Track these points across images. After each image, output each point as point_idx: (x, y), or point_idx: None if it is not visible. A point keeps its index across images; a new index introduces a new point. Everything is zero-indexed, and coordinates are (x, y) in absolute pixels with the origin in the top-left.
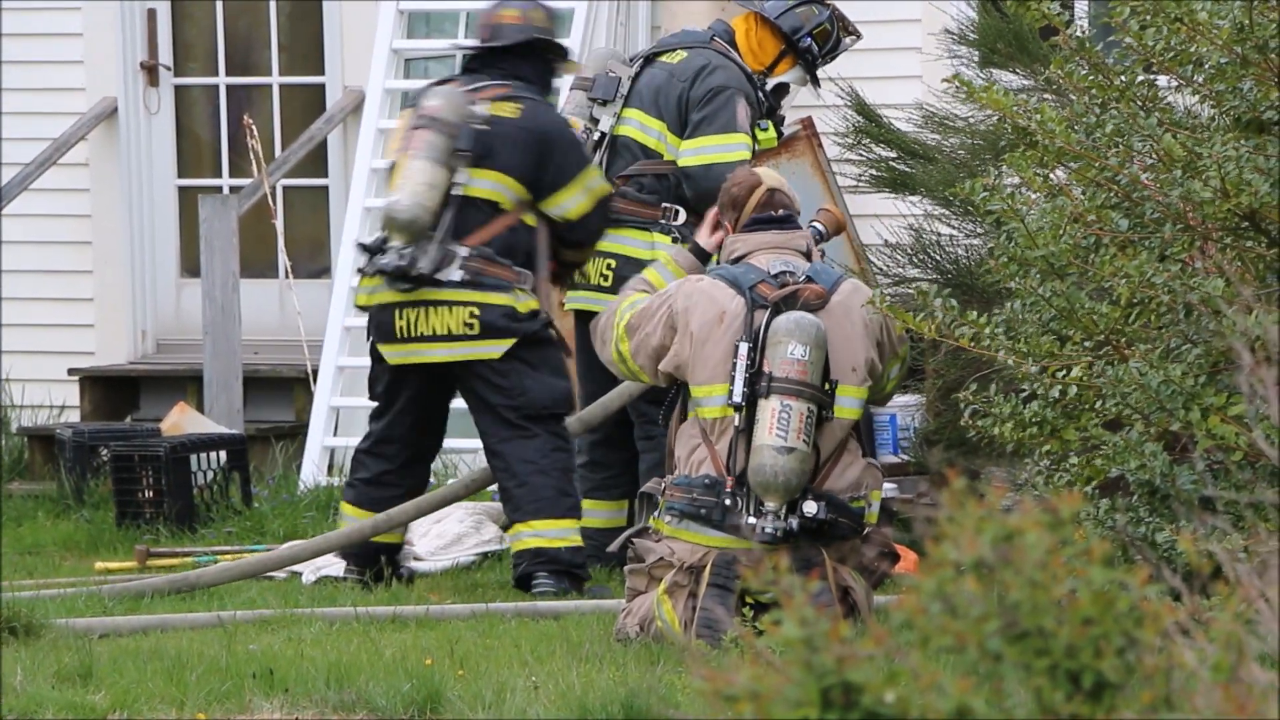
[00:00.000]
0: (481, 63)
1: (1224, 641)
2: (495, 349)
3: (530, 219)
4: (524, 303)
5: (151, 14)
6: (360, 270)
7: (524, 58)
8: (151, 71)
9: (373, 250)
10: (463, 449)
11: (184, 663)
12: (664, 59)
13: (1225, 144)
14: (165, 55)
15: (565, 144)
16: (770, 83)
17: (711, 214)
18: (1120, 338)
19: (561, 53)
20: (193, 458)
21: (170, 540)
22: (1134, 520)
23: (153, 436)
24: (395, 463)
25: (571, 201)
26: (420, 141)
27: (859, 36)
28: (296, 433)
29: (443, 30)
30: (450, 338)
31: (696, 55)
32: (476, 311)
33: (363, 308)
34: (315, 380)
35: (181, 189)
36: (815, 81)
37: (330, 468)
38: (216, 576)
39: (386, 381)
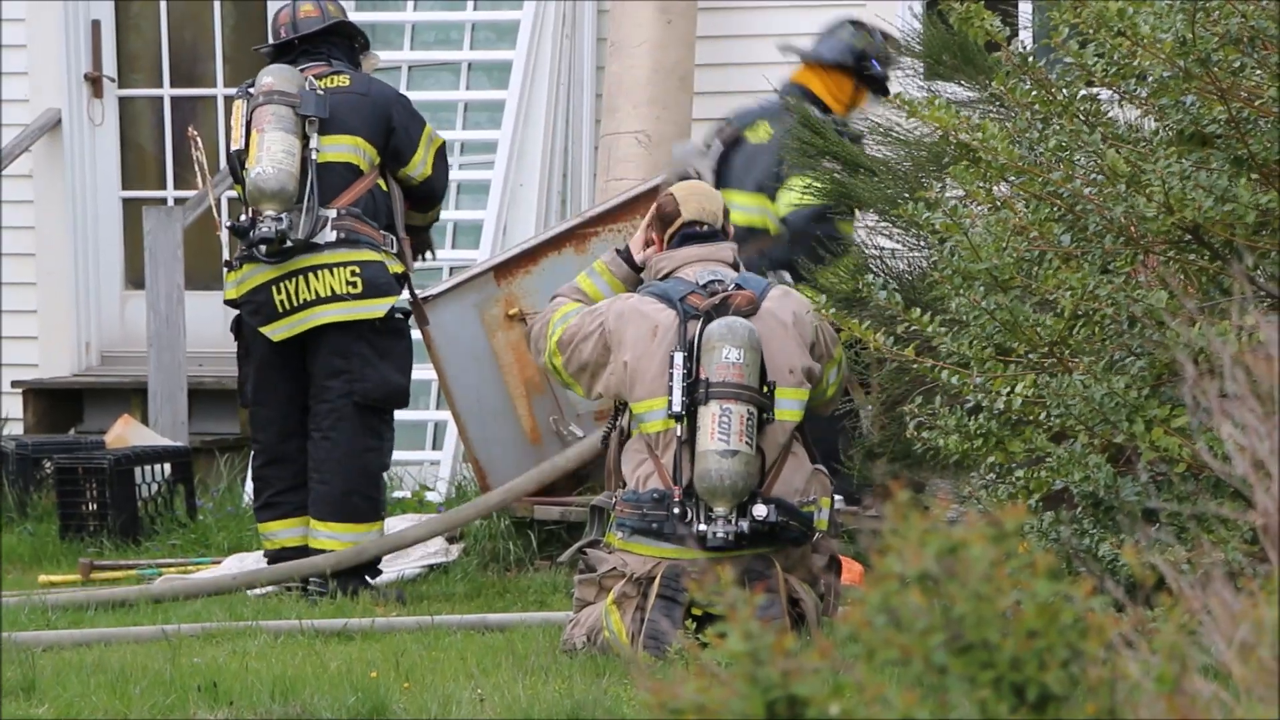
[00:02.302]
0: (288, 57)
1: (1167, 653)
2: (379, 308)
3: (383, 184)
4: (394, 265)
5: (96, 25)
6: (229, 262)
7: (332, 44)
8: (96, 83)
9: (243, 230)
10: (408, 460)
11: (128, 676)
12: (749, 138)
13: (1168, 159)
14: (109, 67)
15: (401, 107)
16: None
17: (644, 227)
18: (1064, 350)
19: (363, 37)
20: (137, 470)
21: (114, 553)
22: (1078, 532)
23: (97, 449)
24: (299, 463)
25: (422, 163)
26: (268, 115)
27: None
28: (241, 445)
29: (388, 42)
30: (335, 298)
31: (777, 124)
32: (357, 270)
33: (234, 301)
34: None
35: (126, 201)
36: (887, 92)
37: None
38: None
39: (255, 379)
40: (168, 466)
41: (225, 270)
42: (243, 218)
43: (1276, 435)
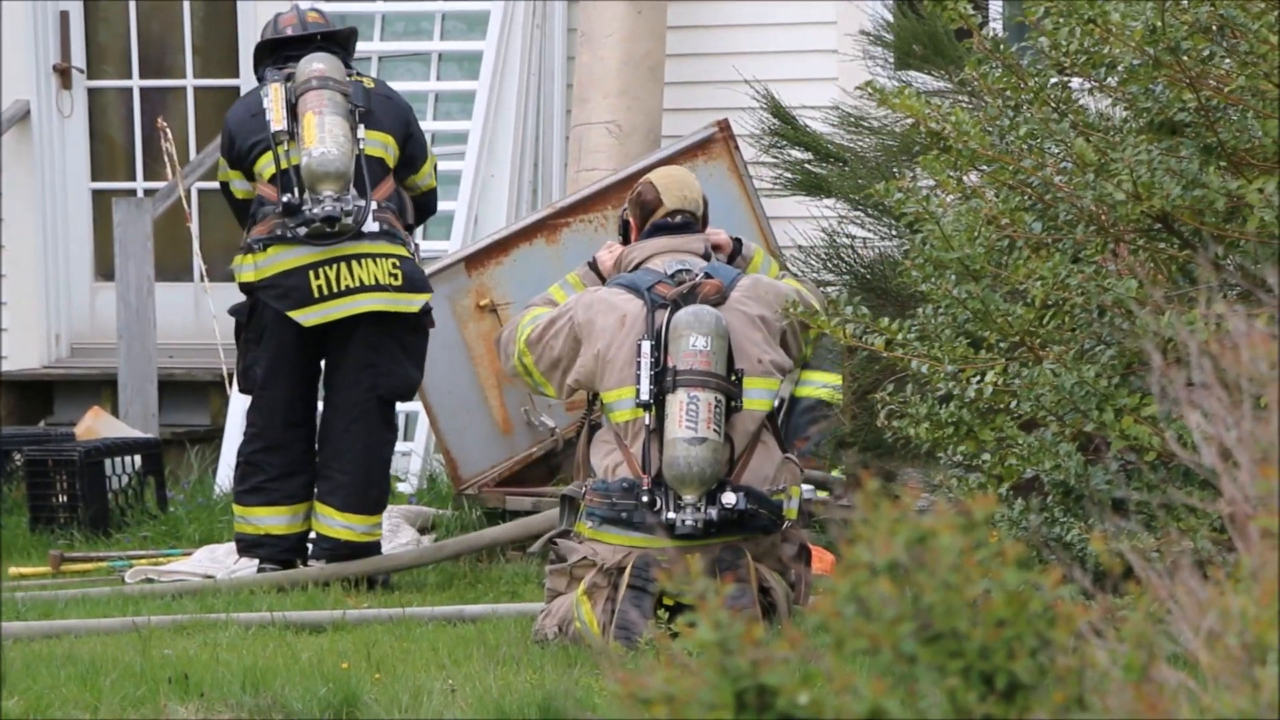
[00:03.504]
0: (286, 55)
1: (1135, 641)
2: (415, 303)
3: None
4: (420, 261)
5: (64, 16)
6: (249, 245)
7: (335, 43)
8: (64, 74)
9: (294, 207)
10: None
11: (98, 668)
12: None
13: (1138, 147)
14: (78, 58)
15: (415, 116)
16: None
17: (611, 243)
18: (1034, 339)
19: (352, 51)
20: (107, 462)
21: (85, 545)
22: (1048, 521)
23: (67, 441)
24: (295, 451)
25: (429, 175)
26: (325, 100)
27: None
28: (212, 437)
29: (359, 32)
30: (379, 288)
31: None
32: (398, 263)
33: (254, 284)
34: (231, 384)
35: (95, 192)
36: None
37: None
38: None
39: (268, 364)
40: (138, 458)
41: (243, 253)
42: (290, 196)
43: (1244, 424)
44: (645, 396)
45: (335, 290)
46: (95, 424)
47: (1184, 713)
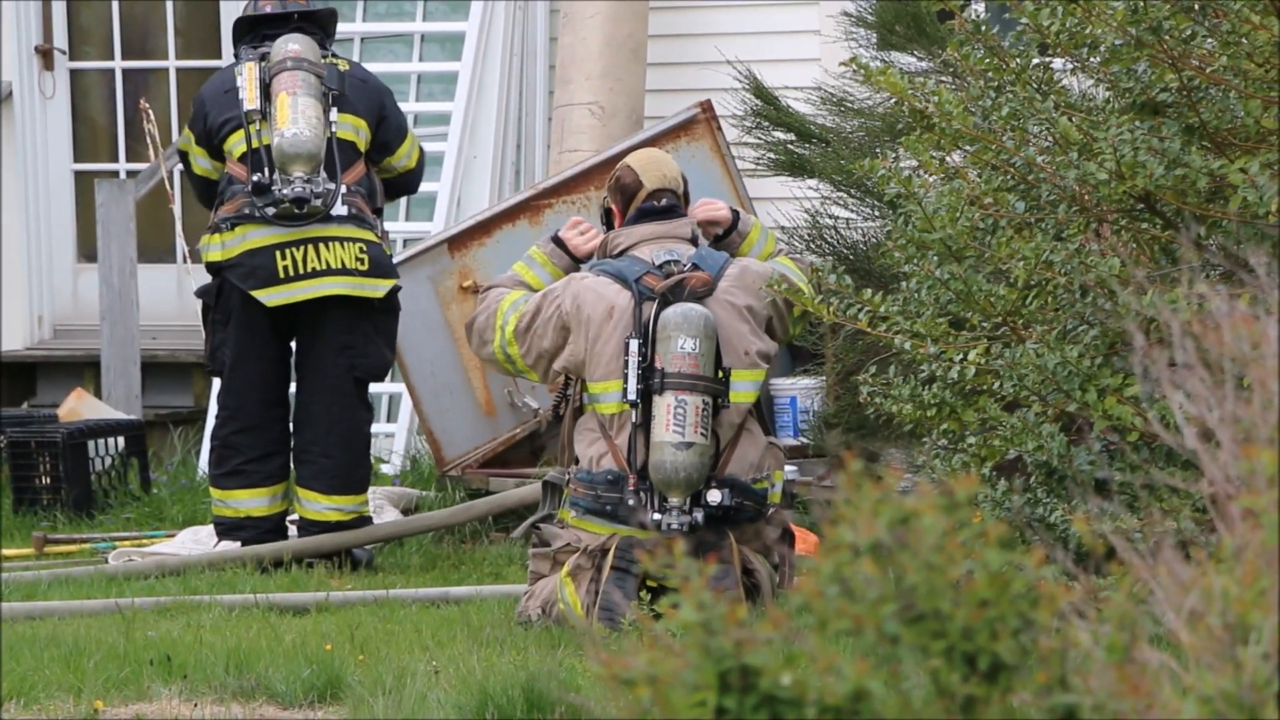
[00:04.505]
0: (263, 34)
1: (1118, 622)
2: (381, 288)
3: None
4: (388, 246)
5: None
6: (217, 224)
7: (312, 23)
8: (47, 56)
9: (264, 187)
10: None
11: (81, 650)
12: None
13: (1120, 126)
14: (60, 39)
15: (391, 99)
16: None
17: (575, 220)
18: (1017, 319)
19: (332, 32)
20: (90, 444)
21: (68, 527)
22: (1031, 501)
23: (50, 423)
24: (273, 432)
25: (407, 155)
26: (299, 81)
27: None
28: (195, 418)
29: (341, 14)
30: (345, 271)
31: None
32: (365, 248)
33: (221, 264)
34: None
35: (78, 174)
36: None
37: None
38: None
39: (237, 345)
40: (121, 440)
41: (210, 232)
42: (260, 176)
43: (1226, 405)
44: (633, 395)
45: (301, 272)
46: (78, 405)
47: (1166, 693)
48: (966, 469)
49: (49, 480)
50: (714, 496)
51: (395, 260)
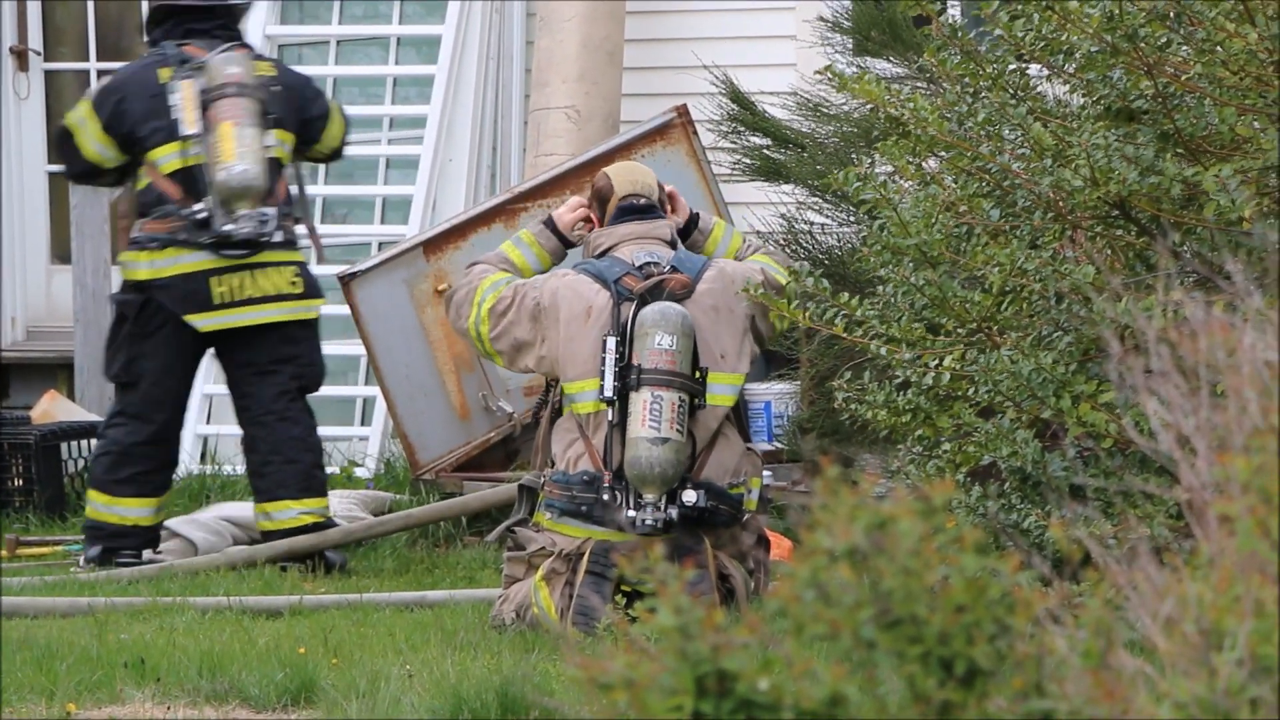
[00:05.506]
0: (187, 27)
1: (1093, 628)
2: (314, 308)
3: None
4: (311, 264)
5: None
6: (142, 242)
7: (233, 17)
8: (21, 56)
9: (201, 222)
10: (337, 436)
11: (54, 652)
12: None
13: (1094, 133)
14: (35, 40)
15: (310, 88)
16: None
17: (581, 209)
18: (992, 326)
19: (242, 22)
20: (63, 446)
21: (40, 529)
22: (1005, 507)
23: (23, 424)
24: (176, 445)
25: (337, 129)
26: (239, 109)
27: None
28: None
29: (317, 16)
30: (280, 297)
31: None
32: (298, 271)
33: (148, 283)
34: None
35: (52, 175)
36: None
37: (203, 456)
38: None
39: (160, 360)
40: (94, 442)
41: (134, 249)
42: (200, 209)
43: (1201, 411)
44: (609, 393)
45: (238, 299)
46: (51, 407)
47: (1141, 699)
48: (942, 474)
49: (21, 482)
50: (689, 496)
51: (370, 264)
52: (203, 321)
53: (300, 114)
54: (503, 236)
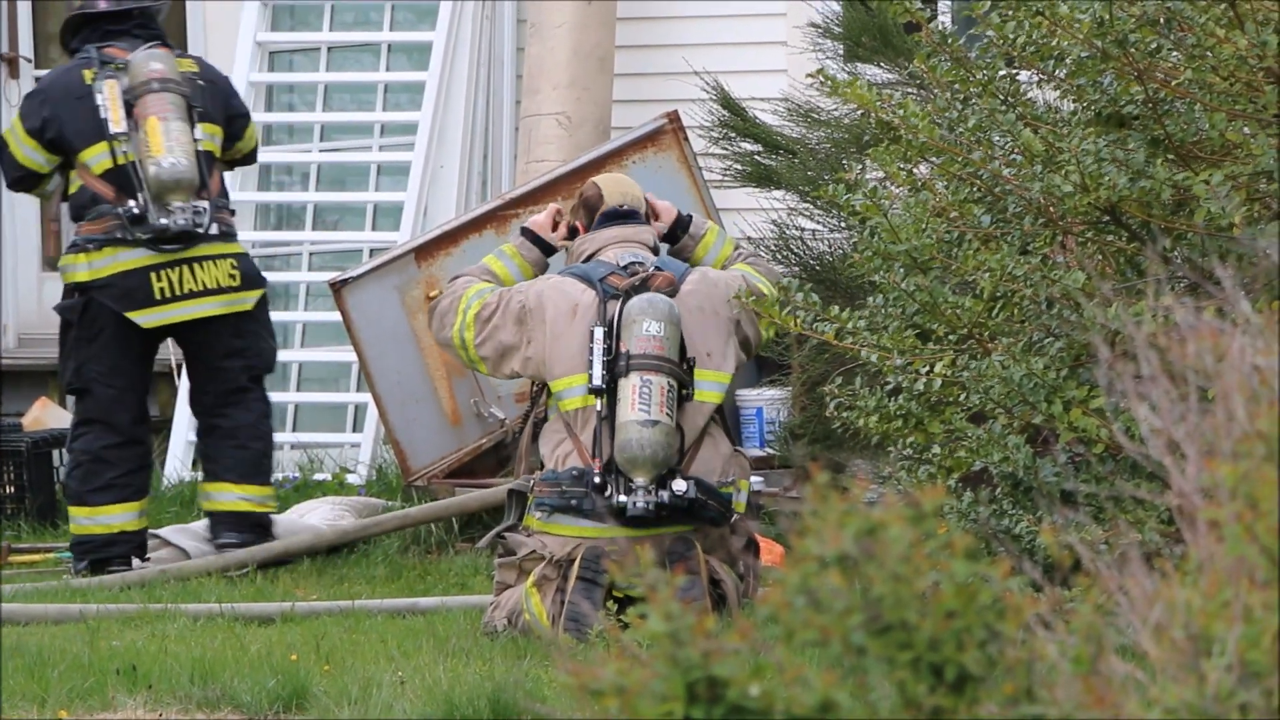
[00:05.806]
0: (104, 30)
1: (1084, 634)
2: (250, 300)
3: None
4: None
5: (12, 5)
6: (81, 244)
7: (149, 17)
8: (12, 64)
9: (136, 218)
10: (328, 442)
11: (45, 659)
12: None
13: (1085, 138)
14: (26, 47)
15: (231, 85)
16: None
17: (552, 208)
18: (983, 331)
19: (159, 21)
20: (55, 453)
21: (32, 536)
22: (996, 513)
23: (14, 432)
24: (146, 445)
25: (253, 130)
26: (166, 104)
27: None
28: (160, 428)
29: (307, 23)
30: (219, 290)
31: None
32: (236, 263)
33: (89, 284)
34: (179, 375)
35: None
36: None
37: (195, 463)
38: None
39: (109, 362)
40: None
41: (73, 252)
42: (134, 205)
43: (1191, 417)
44: (598, 382)
45: (178, 293)
46: (43, 414)
47: (1131, 704)
48: (932, 480)
49: (13, 489)
50: (679, 485)
51: (361, 271)
52: (145, 318)
53: (226, 110)
54: (494, 242)
